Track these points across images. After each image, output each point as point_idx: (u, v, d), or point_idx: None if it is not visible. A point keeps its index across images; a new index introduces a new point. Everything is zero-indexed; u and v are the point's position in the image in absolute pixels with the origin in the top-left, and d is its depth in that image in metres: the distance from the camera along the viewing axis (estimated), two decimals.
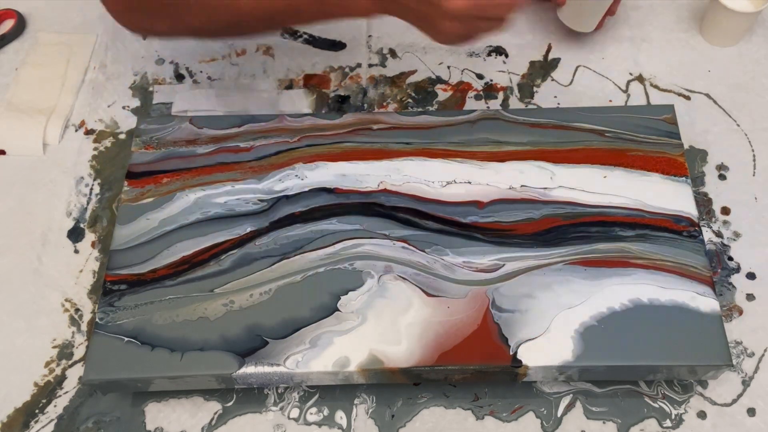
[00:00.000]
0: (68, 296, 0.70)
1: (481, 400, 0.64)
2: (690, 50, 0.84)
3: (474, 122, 0.72)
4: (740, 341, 0.66)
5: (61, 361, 0.67)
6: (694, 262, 0.63)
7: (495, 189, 0.68)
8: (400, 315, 0.61)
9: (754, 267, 0.70)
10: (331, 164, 0.69)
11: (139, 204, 0.68)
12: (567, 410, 0.64)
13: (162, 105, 0.82)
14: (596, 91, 0.82)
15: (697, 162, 0.76)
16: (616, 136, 0.70)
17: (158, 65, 0.85)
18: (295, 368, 0.59)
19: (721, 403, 0.64)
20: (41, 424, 0.64)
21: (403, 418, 0.64)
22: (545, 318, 0.61)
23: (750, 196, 0.74)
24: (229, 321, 0.61)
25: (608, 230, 0.65)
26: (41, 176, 0.77)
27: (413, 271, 0.63)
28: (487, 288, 0.62)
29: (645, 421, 0.63)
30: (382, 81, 0.83)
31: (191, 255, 0.65)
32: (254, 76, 0.84)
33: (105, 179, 0.77)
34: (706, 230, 0.72)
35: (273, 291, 0.63)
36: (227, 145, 0.71)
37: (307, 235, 0.65)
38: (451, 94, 0.82)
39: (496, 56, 0.85)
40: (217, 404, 0.65)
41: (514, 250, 0.64)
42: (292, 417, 0.64)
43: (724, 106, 0.80)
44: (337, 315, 0.61)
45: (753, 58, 0.84)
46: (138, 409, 0.65)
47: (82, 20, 0.89)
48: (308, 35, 0.87)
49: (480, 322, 0.60)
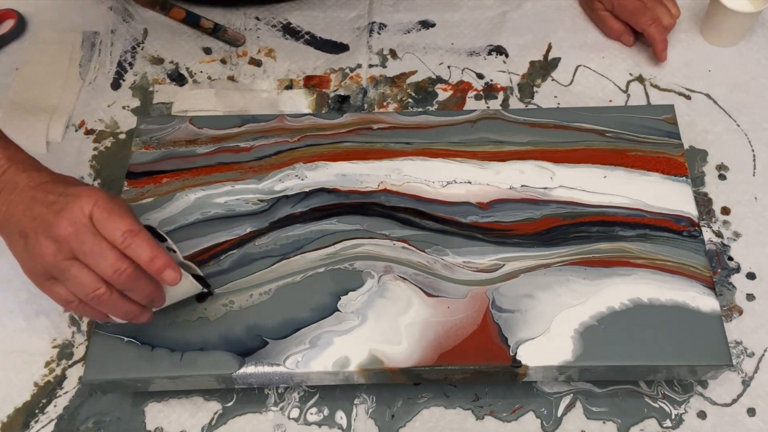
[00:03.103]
0: None
1: (481, 400, 0.64)
2: (690, 50, 0.84)
3: (474, 122, 0.72)
4: (740, 341, 0.66)
5: (61, 361, 0.67)
6: (694, 262, 0.63)
7: (495, 189, 0.68)
8: (400, 315, 0.61)
9: (754, 267, 0.70)
10: (331, 164, 0.69)
11: (139, 204, 0.68)
12: (567, 410, 0.64)
13: (162, 105, 0.82)
14: (596, 91, 0.82)
15: (697, 162, 0.76)
16: (617, 136, 0.70)
17: (158, 65, 0.85)
18: (295, 368, 0.59)
19: (721, 403, 0.64)
20: (41, 424, 0.64)
21: (403, 418, 0.64)
22: (545, 318, 0.61)
23: (750, 196, 0.74)
24: (229, 321, 0.61)
25: (608, 230, 0.65)
26: None
27: (413, 271, 0.63)
28: (487, 288, 0.62)
29: (645, 421, 0.63)
30: (382, 81, 0.83)
31: (191, 255, 0.65)
32: (254, 76, 0.84)
33: (105, 179, 0.77)
34: (706, 230, 0.72)
35: (273, 291, 0.63)
36: (227, 145, 0.71)
37: (307, 235, 0.65)
38: (451, 94, 0.82)
39: (497, 56, 0.85)
40: (217, 404, 0.65)
41: (515, 250, 0.64)
42: (292, 417, 0.64)
43: (724, 106, 0.80)
44: (337, 315, 0.61)
45: (753, 58, 0.84)
46: (138, 409, 0.65)
47: (82, 20, 0.89)
48: (310, 36, 0.87)
49: (480, 322, 0.60)
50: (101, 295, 0.53)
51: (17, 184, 0.55)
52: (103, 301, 0.53)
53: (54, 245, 0.52)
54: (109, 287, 0.53)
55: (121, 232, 0.52)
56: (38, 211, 0.53)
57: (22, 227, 0.53)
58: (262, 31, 0.87)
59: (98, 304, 0.53)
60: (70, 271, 0.52)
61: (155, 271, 0.53)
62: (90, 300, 0.53)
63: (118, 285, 0.53)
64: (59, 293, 0.54)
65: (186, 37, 0.87)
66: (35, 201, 0.53)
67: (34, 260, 0.53)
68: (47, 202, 0.53)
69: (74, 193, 0.53)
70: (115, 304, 0.54)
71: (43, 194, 0.54)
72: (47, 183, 0.55)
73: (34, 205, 0.53)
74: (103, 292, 0.52)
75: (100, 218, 0.52)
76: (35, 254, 0.52)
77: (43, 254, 0.52)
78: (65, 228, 0.51)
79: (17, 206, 0.54)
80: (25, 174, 0.55)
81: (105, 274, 0.52)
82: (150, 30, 0.88)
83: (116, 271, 0.52)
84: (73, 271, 0.52)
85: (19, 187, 0.54)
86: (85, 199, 0.52)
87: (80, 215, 0.52)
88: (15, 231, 0.54)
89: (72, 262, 0.52)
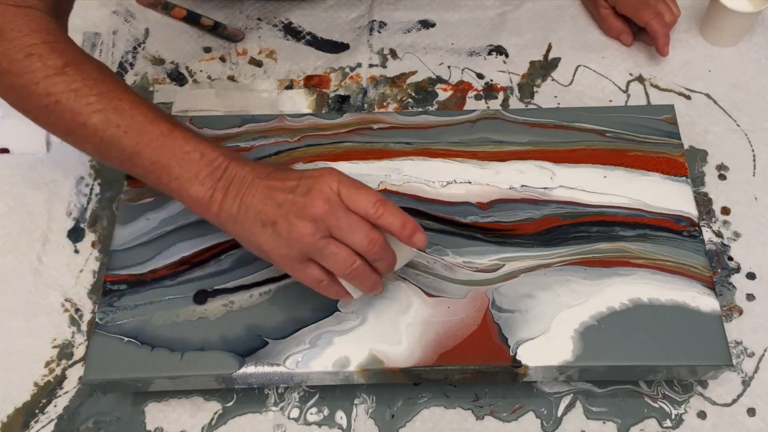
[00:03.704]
0: (68, 296, 0.70)
1: (481, 400, 0.64)
2: (690, 50, 0.84)
3: (474, 122, 0.72)
4: (740, 341, 0.66)
5: (61, 361, 0.67)
6: (694, 262, 0.63)
7: (495, 189, 0.68)
8: (400, 315, 0.61)
9: (754, 267, 0.70)
10: (331, 164, 0.69)
11: (139, 204, 0.68)
12: (567, 410, 0.64)
13: (162, 105, 0.82)
14: (596, 91, 0.82)
15: (697, 162, 0.76)
16: (617, 136, 0.70)
17: (158, 65, 0.85)
18: (295, 368, 0.59)
19: (721, 403, 0.64)
20: (41, 424, 0.64)
21: (403, 418, 0.64)
22: (545, 318, 0.61)
23: (750, 196, 0.74)
24: (229, 321, 0.61)
25: (608, 230, 0.65)
26: (41, 176, 0.77)
27: (413, 271, 0.63)
28: (487, 288, 0.62)
29: (645, 421, 0.63)
30: (382, 81, 0.83)
31: (191, 255, 0.65)
32: (254, 76, 0.84)
33: (105, 179, 0.77)
34: (706, 230, 0.72)
35: (273, 291, 0.63)
36: (227, 145, 0.71)
37: None
38: (451, 94, 0.82)
39: (497, 56, 0.85)
40: (217, 404, 0.65)
41: (515, 250, 0.64)
42: (292, 417, 0.64)
43: (724, 106, 0.80)
44: (337, 315, 0.61)
45: (753, 58, 0.84)
46: (138, 409, 0.65)
47: (82, 20, 0.89)
48: (311, 36, 0.87)
49: (480, 322, 0.60)
50: (357, 268, 0.53)
51: (244, 177, 0.55)
52: (358, 274, 0.54)
53: (312, 225, 0.52)
54: (362, 260, 0.54)
55: (372, 203, 0.52)
56: (282, 198, 0.53)
57: (265, 216, 0.53)
58: (263, 30, 0.87)
59: (354, 278, 0.54)
60: (328, 248, 0.52)
61: (408, 235, 0.53)
62: (346, 275, 0.53)
63: (371, 256, 0.53)
64: (311, 274, 0.54)
65: (187, 37, 0.87)
66: (273, 189, 0.54)
67: (292, 244, 0.53)
68: (287, 188, 0.53)
69: (315, 174, 0.53)
70: (367, 276, 0.54)
71: (278, 182, 0.54)
72: (274, 171, 0.55)
73: (273, 193, 0.54)
74: (359, 264, 0.53)
75: (348, 193, 0.53)
76: (292, 238, 0.52)
77: (301, 236, 0.52)
78: (321, 206, 0.52)
79: (253, 198, 0.54)
80: (248, 167, 0.56)
81: (360, 247, 0.52)
82: (151, 30, 0.88)
83: (371, 242, 0.52)
84: (332, 248, 0.52)
85: (248, 180, 0.55)
86: (329, 177, 0.53)
87: (331, 193, 0.52)
88: (256, 222, 0.54)
89: (329, 240, 0.52)
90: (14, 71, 0.57)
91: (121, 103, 0.57)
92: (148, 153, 0.56)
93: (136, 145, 0.56)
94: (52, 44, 0.58)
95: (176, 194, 0.56)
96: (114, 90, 0.57)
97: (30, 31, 0.57)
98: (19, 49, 0.56)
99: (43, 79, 0.56)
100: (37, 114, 0.58)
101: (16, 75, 0.57)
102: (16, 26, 0.57)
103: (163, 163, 0.56)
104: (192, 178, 0.55)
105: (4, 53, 0.57)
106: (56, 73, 0.56)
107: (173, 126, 0.57)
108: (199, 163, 0.55)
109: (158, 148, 0.56)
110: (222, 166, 0.56)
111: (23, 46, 0.57)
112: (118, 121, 0.56)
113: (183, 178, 0.55)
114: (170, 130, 0.57)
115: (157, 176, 0.56)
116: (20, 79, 0.56)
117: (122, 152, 0.56)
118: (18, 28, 0.57)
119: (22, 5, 0.58)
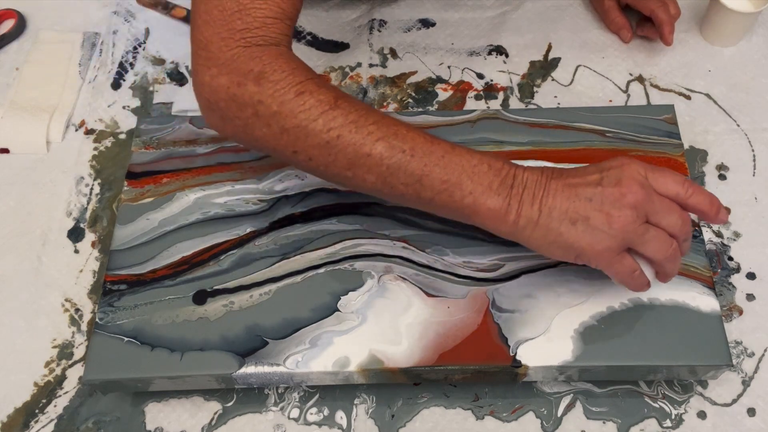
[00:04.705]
0: (68, 296, 0.70)
1: (481, 400, 0.64)
2: (690, 50, 0.84)
3: (474, 122, 0.72)
4: (740, 341, 0.66)
5: (61, 361, 0.67)
6: (694, 262, 0.63)
7: None
8: (400, 315, 0.61)
9: (754, 267, 0.70)
10: None
11: (139, 204, 0.68)
12: (567, 410, 0.64)
13: (162, 105, 0.82)
14: (596, 91, 0.82)
15: (697, 162, 0.76)
16: (617, 136, 0.70)
17: (158, 65, 0.85)
18: (295, 368, 0.59)
19: (721, 403, 0.64)
20: (41, 424, 0.64)
21: (403, 418, 0.64)
22: (545, 318, 0.61)
23: (750, 196, 0.74)
24: (229, 321, 0.61)
25: None
26: (41, 176, 0.77)
27: (413, 271, 0.63)
28: (487, 288, 0.62)
29: (645, 421, 0.63)
30: (382, 81, 0.83)
31: (191, 255, 0.65)
32: None
33: (105, 179, 0.77)
34: (706, 230, 0.72)
35: (273, 291, 0.63)
36: (227, 145, 0.71)
37: (307, 235, 0.65)
38: (452, 94, 0.82)
39: (497, 56, 0.85)
40: (217, 404, 0.65)
41: (514, 250, 0.64)
42: (292, 417, 0.64)
43: (724, 106, 0.80)
44: (337, 315, 0.61)
45: (753, 58, 0.84)
46: (138, 409, 0.65)
47: (82, 20, 0.89)
48: (311, 36, 0.87)
49: (480, 323, 0.60)
50: (675, 249, 0.54)
51: (537, 181, 0.54)
52: (675, 256, 0.54)
53: (632, 212, 0.52)
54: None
55: (681, 183, 0.53)
56: (590, 192, 0.53)
57: (574, 213, 0.53)
58: None
59: (672, 260, 0.54)
60: (649, 233, 0.53)
61: (715, 212, 0.54)
62: (667, 257, 0.53)
63: (683, 236, 0.54)
64: (628, 264, 0.54)
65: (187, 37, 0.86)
66: (574, 186, 0.54)
67: (614, 235, 0.52)
68: (591, 182, 0.53)
69: (616, 164, 0.54)
70: (678, 258, 0.55)
71: (578, 178, 0.54)
72: (563, 170, 0.55)
73: (577, 190, 0.53)
74: (676, 247, 0.54)
75: (655, 176, 0.53)
76: (614, 228, 0.52)
77: (624, 225, 0.52)
78: (638, 192, 0.52)
79: (554, 198, 0.53)
80: (536, 171, 0.55)
81: (674, 227, 0.53)
82: (151, 30, 0.88)
83: (684, 222, 0.53)
84: (652, 232, 0.53)
85: (542, 183, 0.54)
86: (634, 164, 0.53)
87: (642, 179, 0.53)
88: (564, 221, 0.53)
89: (647, 225, 0.53)
90: (286, 112, 0.55)
91: (398, 128, 0.55)
92: (438, 172, 0.54)
93: (425, 166, 0.54)
94: (315, 80, 0.56)
95: (470, 210, 0.55)
96: (384, 117, 0.56)
97: (291, 69, 0.56)
98: (288, 89, 0.55)
99: (320, 116, 0.54)
100: (312, 153, 0.56)
101: (288, 116, 0.55)
102: (278, 66, 0.55)
103: (454, 180, 0.54)
104: (486, 190, 0.54)
105: (273, 95, 0.55)
106: (331, 108, 0.55)
107: (451, 143, 0.56)
108: (488, 175, 0.54)
109: (446, 166, 0.54)
110: (511, 174, 0.55)
111: (292, 84, 0.55)
112: (402, 146, 0.54)
113: (477, 192, 0.54)
114: (452, 147, 0.55)
115: (449, 194, 0.55)
116: (294, 119, 0.55)
117: (410, 176, 0.55)
118: (280, 68, 0.55)
119: (272, 43, 0.57)
